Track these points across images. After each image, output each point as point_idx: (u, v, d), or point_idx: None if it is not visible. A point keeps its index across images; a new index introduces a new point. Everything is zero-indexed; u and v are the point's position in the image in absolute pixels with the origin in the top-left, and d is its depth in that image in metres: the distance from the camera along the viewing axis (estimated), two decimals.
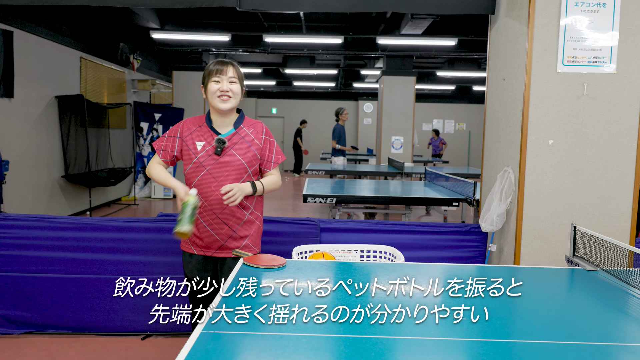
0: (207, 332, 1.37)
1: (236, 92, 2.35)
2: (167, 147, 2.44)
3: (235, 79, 2.35)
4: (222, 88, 2.32)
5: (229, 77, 2.34)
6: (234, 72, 2.35)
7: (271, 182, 2.46)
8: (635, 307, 1.74)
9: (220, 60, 2.38)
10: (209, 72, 2.36)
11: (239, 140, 2.38)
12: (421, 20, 7.35)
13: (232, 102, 2.35)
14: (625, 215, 2.97)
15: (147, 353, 3.14)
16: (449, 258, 3.44)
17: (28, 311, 3.31)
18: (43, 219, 3.33)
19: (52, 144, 7.02)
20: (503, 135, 3.25)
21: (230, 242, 2.40)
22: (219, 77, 2.33)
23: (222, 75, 2.33)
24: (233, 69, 2.35)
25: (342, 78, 15.95)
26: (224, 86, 2.33)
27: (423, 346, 1.34)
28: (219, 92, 2.33)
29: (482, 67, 11.97)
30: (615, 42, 2.88)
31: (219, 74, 2.33)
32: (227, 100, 2.34)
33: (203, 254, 2.44)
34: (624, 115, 2.92)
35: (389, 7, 3.38)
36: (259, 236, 2.51)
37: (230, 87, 2.34)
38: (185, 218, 2.17)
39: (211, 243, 2.41)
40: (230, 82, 2.34)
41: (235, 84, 2.35)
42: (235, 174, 2.35)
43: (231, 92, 2.34)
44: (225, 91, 2.33)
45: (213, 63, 2.37)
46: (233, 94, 2.34)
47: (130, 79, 9.93)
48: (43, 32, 6.72)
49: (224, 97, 2.33)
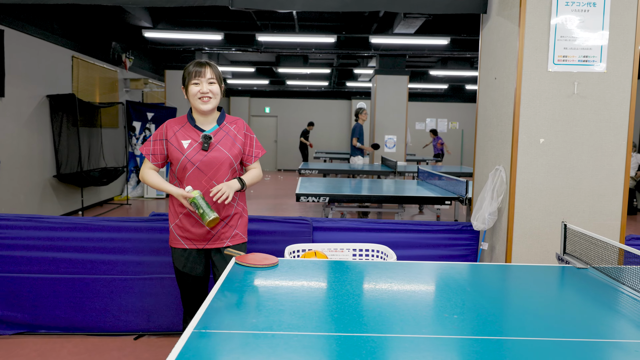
0: (198, 331, 1.37)
1: (216, 92, 2.42)
2: (155, 151, 2.50)
3: (213, 80, 2.41)
4: (202, 90, 2.38)
5: (207, 78, 2.39)
6: (212, 73, 2.40)
7: (254, 176, 2.55)
8: (624, 304, 1.75)
9: (198, 61, 2.42)
10: (188, 74, 2.41)
11: (223, 136, 2.46)
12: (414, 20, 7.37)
13: (212, 102, 2.42)
14: (615, 214, 2.99)
15: (140, 353, 3.13)
16: (441, 256, 3.46)
17: (19, 312, 3.29)
18: (34, 219, 3.30)
19: (43, 143, 6.97)
20: (494, 134, 3.26)
21: (221, 232, 2.50)
22: (198, 79, 2.38)
23: (201, 78, 2.38)
24: (211, 70, 2.40)
25: (335, 77, 15.96)
26: (204, 88, 2.38)
27: (414, 344, 1.34)
28: (199, 94, 2.39)
29: (475, 66, 12.01)
30: (605, 41, 2.90)
31: (198, 76, 2.38)
32: (207, 101, 2.40)
33: (195, 247, 2.51)
34: (614, 114, 2.94)
35: (381, 6, 3.38)
36: (245, 226, 2.62)
37: (210, 88, 2.40)
38: (206, 209, 2.30)
39: (203, 236, 2.49)
40: (209, 83, 2.40)
41: (214, 85, 2.41)
42: (224, 168, 2.44)
43: (211, 92, 2.40)
44: (205, 93, 2.39)
45: (192, 64, 2.42)
46: (213, 95, 2.41)
47: (123, 78, 9.88)
48: (34, 31, 6.68)
49: (205, 98, 2.40)
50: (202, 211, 2.30)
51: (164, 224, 3.33)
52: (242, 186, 2.43)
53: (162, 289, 3.34)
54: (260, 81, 16.22)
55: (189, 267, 2.53)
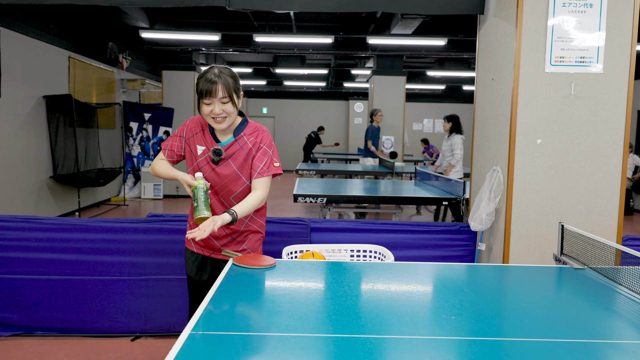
0: (196, 332, 1.37)
1: (230, 111, 2.18)
2: (172, 147, 2.34)
3: (226, 99, 2.15)
4: (215, 111, 2.15)
5: (219, 98, 2.14)
6: (224, 91, 2.14)
7: (249, 204, 2.20)
8: (622, 305, 1.75)
9: (210, 78, 2.14)
10: (199, 92, 2.17)
11: (237, 149, 2.27)
12: (411, 20, 7.37)
13: (228, 121, 2.20)
14: (612, 214, 3.00)
15: (137, 354, 3.12)
16: (438, 257, 3.46)
17: (16, 313, 3.28)
18: (31, 220, 3.29)
19: (40, 144, 6.95)
20: (492, 135, 3.26)
21: (227, 245, 2.37)
22: (209, 99, 2.14)
23: (212, 98, 2.14)
24: (223, 88, 2.13)
25: (333, 78, 15.96)
26: (216, 109, 2.15)
27: (412, 345, 1.34)
28: (212, 114, 2.17)
29: (472, 67, 12.03)
30: (602, 42, 2.91)
31: (209, 95, 2.14)
32: (221, 121, 2.19)
33: (202, 253, 2.41)
34: (611, 115, 2.95)
35: (378, 7, 3.38)
36: (258, 244, 2.44)
37: (223, 107, 2.16)
38: (201, 204, 2.11)
39: (209, 245, 2.38)
40: (222, 102, 2.15)
41: (227, 104, 2.16)
42: (232, 185, 2.29)
43: (224, 112, 2.17)
44: (218, 114, 2.16)
45: (203, 80, 2.16)
46: (227, 114, 2.18)
47: (120, 79, 9.86)
48: (31, 32, 6.66)
49: (218, 119, 2.18)
50: (197, 205, 2.11)
51: (161, 224, 3.32)
52: (233, 220, 2.11)
53: (160, 290, 3.34)
54: (258, 82, 16.21)
55: (194, 271, 2.44)
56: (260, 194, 2.24)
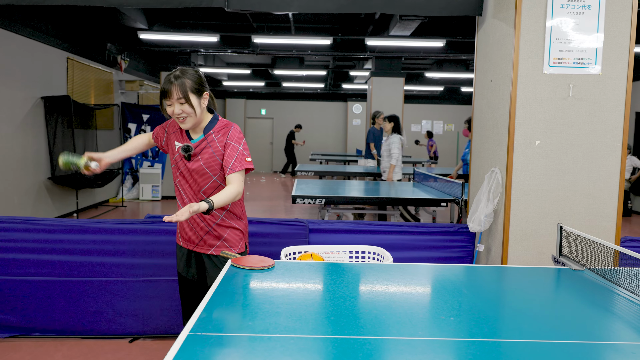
0: (194, 334, 1.36)
1: (189, 111, 2.24)
2: (157, 133, 2.53)
3: (182, 100, 2.21)
4: (175, 111, 2.24)
5: (176, 99, 2.22)
6: (179, 92, 2.20)
7: (226, 195, 2.21)
8: (620, 306, 1.75)
9: (168, 79, 2.23)
10: (160, 92, 2.27)
11: (204, 147, 2.33)
12: (409, 22, 7.38)
13: (190, 120, 2.27)
14: (610, 215, 3.00)
15: (135, 356, 3.11)
16: (437, 258, 3.46)
17: (13, 314, 3.27)
18: (28, 221, 3.28)
19: (38, 145, 6.94)
20: (490, 136, 3.27)
21: (207, 238, 2.44)
22: (169, 100, 2.23)
23: (171, 99, 2.22)
24: (177, 90, 2.20)
25: (331, 79, 15.97)
26: (176, 109, 2.23)
27: (411, 346, 1.34)
28: (173, 114, 2.26)
29: (470, 69, 12.05)
30: (600, 43, 2.91)
31: (166, 97, 2.23)
32: (184, 120, 2.27)
33: (187, 247, 2.50)
34: (609, 116, 2.95)
35: (377, 8, 3.38)
36: (238, 238, 2.47)
37: (182, 108, 2.23)
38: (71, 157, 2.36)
39: (191, 238, 2.48)
40: (179, 103, 2.22)
41: (184, 104, 2.22)
42: (201, 180, 2.36)
43: (184, 112, 2.23)
44: (178, 114, 2.24)
45: (166, 79, 2.25)
46: (187, 114, 2.24)
47: (118, 80, 9.85)
48: (29, 33, 6.65)
49: (180, 118, 2.26)
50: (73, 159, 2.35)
51: (159, 226, 3.31)
52: (209, 208, 2.11)
53: (158, 291, 3.33)
54: (256, 83, 16.21)
55: (181, 266, 2.54)
56: (235, 188, 2.26)
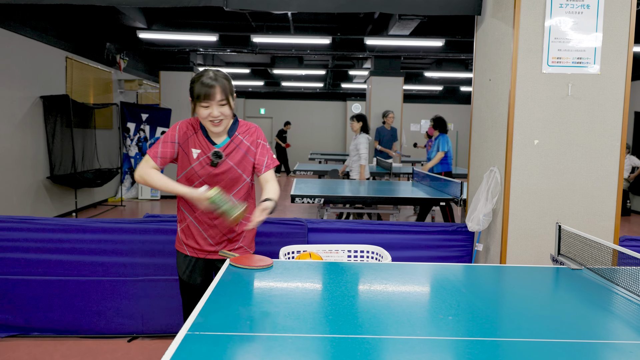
0: (192, 333, 1.36)
1: (227, 113, 2.19)
2: (165, 154, 2.27)
3: (224, 101, 2.16)
4: (213, 114, 2.15)
5: (217, 101, 2.14)
6: (222, 94, 2.14)
7: (275, 192, 2.25)
8: (619, 305, 1.76)
9: (207, 82, 2.14)
10: (197, 96, 2.15)
11: (233, 148, 2.28)
12: (409, 21, 7.38)
13: (224, 123, 2.21)
14: (609, 215, 3.00)
15: (134, 355, 3.11)
16: (436, 258, 3.46)
17: (12, 314, 3.26)
18: (27, 220, 3.28)
19: (37, 144, 6.93)
20: (489, 135, 3.27)
21: (224, 245, 2.37)
22: (207, 102, 2.14)
23: (211, 101, 2.14)
24: (221, 91, 2.14)
25: (331, 78, 15.97)
26: (214, 112, 2.15)
27: (409, 345, 1.34)
28: (210, 117, 2.17)
29: (469, 68, 12.05)
30: (599, 43, 2.91)
31: (207, 99, 2.13)
32: (219, 124, 2.19)
33: (196, 255, 2.39)
34: (608, 116, 2.96)
35: (376, 7, 3.38)
36: (252, 239, 2.47)
37: (221, 110, 2.16)
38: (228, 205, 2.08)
39: (203, 247, 2.37)
40: (220, 105, 2.16)
41: (224, 106, 2.17)
42: (231, 183, 2.29)
43: (222, 115, 2.17)
44: (216, 117, 2.16)
45: (199, 82, 2.15)
46: (225, 116, 2.19)
47: (117, 79, 9.84)
48: (28, 32, 6.64)
49: (216, 121, 2.18)
50: (225, 208, 2.07)
51: (158, 225, 3.31)
52: (275, 206, 2.18)
53: (156, 291, 3.33)
54: (255, 82, 16.20)
55: (187, 275, 2.41)
56: (276, 184, 2.29)
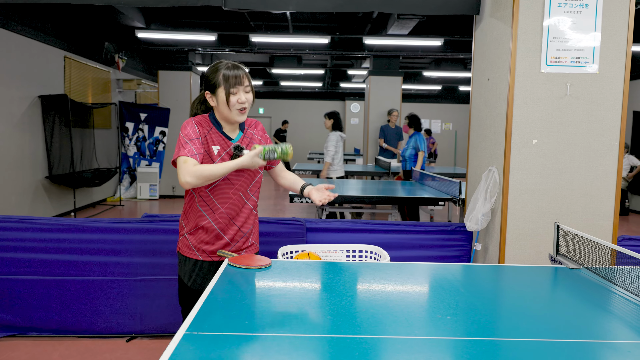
0: (191, 333, 1.36)
1: (251, 99, 2.18)
2: (198, 150, 2.13)
3: (248, 87, 2.16)
4: (240, 99, 2.12)
5: (245, 86, 2.14)
6: (247, 79, 2.16)
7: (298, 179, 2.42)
8: (617, 305, 1.76)
9: (234, 64, 2.13)
10: (224, 80, 2.10)
11: (248, 142, 2.28)
12: (407, 21, 7.38)
13: (247, 110, 2.20)
14: (607, 214, 3.00)
15: (132, 355, 3.11)
16: (434, 257, 3.46)
17: (10, 314, 3.26)
18: (26, 220, 3.28)
19: (35, 144, 6.92)
20: (488, 135, 3.27)
21: (241, 243, 2.31)
22: (237, 88, 2.11)
23: (239, 86, 2.12)
24: (246, 75, 2.15)
25: (329, 78, 15.96)
26: (242, 97, 2.12)
27: (408, 345, 1.34)
28: (238, 103, 2.12)
29: (468, 68, 12.05)
30: (597, 42, 2.91)
31: (237, 84, 2.11)
32: (244, 111, 2.17)
33: (210, 259, 2.27)
34: (606, 115, 2.96)
35: (375, 7, 3.38)
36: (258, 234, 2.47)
37: (247, 97, 2.15)
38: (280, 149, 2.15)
39: (220, 247, 2.27)
40: (246, 92, 2.15)
41: (249, 92, 2.17)
42: (251, 177, 2.27)
43: (247, 101, 2.15)
44: (243, 102, 2.13)
45: (224, 70, 2.11)
46: (250, 103, 2.17)
47: (116, 79, 9.83)
48: (26, 31, 6.63)
49: (241, 108, 2.15)
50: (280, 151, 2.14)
51: (156, 225, 3.31)
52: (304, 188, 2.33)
53: (155, 290, 3.32)
54: (254, 82, 16.17)
55: (195, 281, 2.26)
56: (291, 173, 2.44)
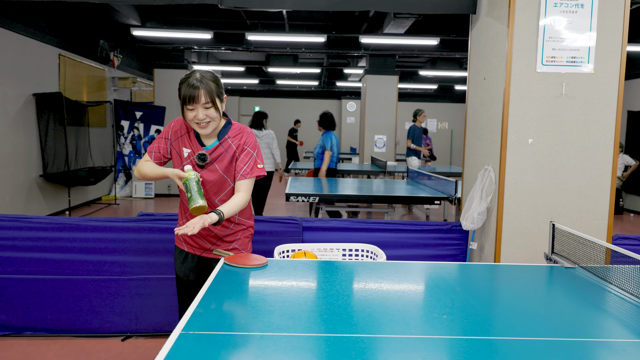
0: (187, 332, 1.36)
1: (214, 116, 2.18)
2: (159, 149, 2.33)
3: (209, 104, 2.15)
4: (198, 117, 2.15)
5: (202, 104, 2.14)
6: (207, 96, 2.13)
7: (234, 204, 2.19)
8: (612, 304, 1.76)
9: (192, 84, 2.13)
10: (182, 98, 2.15)
11: (221, 153, 2.27)
12: (403, 20, 7.38)
13: (211, 125, 2.20)
14: (602, 213, 3.01)
15: (127, 354, 3.10)
16: (430, 256, 3.46)
17: (4, 313, 3.24)
18: (20, 219, 3.26)
19: (29, 142, 6.89)
20: (484, 134, 3.27)
21: (218, 245, 2.39)
22: (192, 105, 2.14)
23: (195, 104, 2.13)
24: (205, 93, 2.13)
25: (326, 77, 15.95)
26: (200, 115, 2.15)
27: (404, 344, 1.34)
28: (195, 119, 2.17)
29: (464, 67, 12.07)
30: (593, 42, 2.92)
31: (192, 102, 2.13)
32: (205, 126, 2.19)
33: (192, 252, 2.42)
34: (601, 115, 2.97)
35: (371, 6, 3.38)
36: (248, 240, 2.46)
37: (207, 113, 2.16)
38: (195, 194, 2.11)
39: (199, 245, 2.40)
40: (205, 108, 2.15)
41: (210, 109, 2.16)
42: (218, 188, 2.29)
43: (208, 117, 2.17)
44: (201, 119, 2.16)
45: (185, 85, 2.15)
46: (211, 119, 2.18)
47: (111, 77, 9.79)
48: (20, 29, 6.59)
49: (202, 124, 2.18)
50: (190, 195, 2.10)
51: (152, 224, 3.30)
52: (219, 219, 2.10)
53: (150, 289, 3.31)
54: (250, 80, 16.16)
55: (182, 271, 2.45)
56: (244, 196, 2.23)
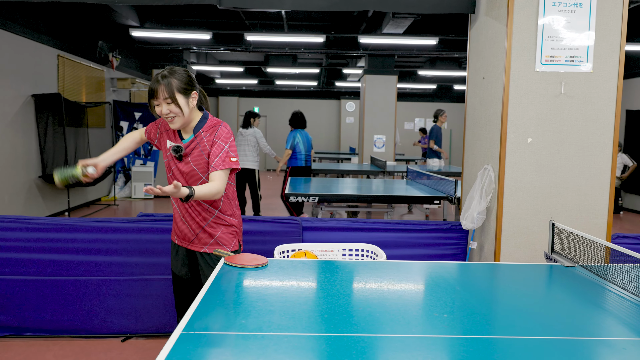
0: (187, 332, 1.36)
1: (176, 111, 2.23)
2: (149, 131, 2.52)
3: (169, 99, 2.21)
4: (162, 111, 2.24)
5: (162, 99, 2.22)
6: (165, 92, 2.20)
7: (206, 189, 2.20)
8: (612, 302, 1.77)
9: (155, 78, 2.24)
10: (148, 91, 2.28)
11: (194, 147, 2.33)
12: (402, 20, 7.38)
13: (178, 120, 2.26)
14: (601, 212, 3.02)
15: (127, 355, 3.09)
16: (430, 255, 3.47)
17: (4, 314, 3.24)
18: (19, 220, 3.26)
19: (28, 143, 6.88)
20: (483, 134, 3.28)
21: (202, 235, 2.43)
22: (156, 100, 2.24)
23: (158, 99, 2.23)
24: (164, 89, 2.20)
25: (325, 77, 15.95)
26: (163, 109, 2.23)
27: (404, 344, 1.34)
28: (161, 114, 2.26)
29: (463, 66, 12.07)
30: (591, 41, 2.93)
31: (153, 97, 2.23)
32: (172, 120, 2.27)
33: (181, 244, 2.51)
34: (600, 114, 2.97)
35: (370, 5, 3.38)
36: (231, 237, 2.46)
37: (169, 108, 2.23)
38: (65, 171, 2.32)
39: (185, 235, 2.47)
40: (166, 103, 2.22)
41: (171, 104, 2.22)
42: (191, 180, 2.36)
43: (171, 112, 2.24)
44: (165, 114, 2.24)
45: (154, 79, 2.25)
46: (175, 113, 2.24)
47: (110, 78, 9.79)
48: (19, 30, 6.58)
49: (168, 118, 2.26)
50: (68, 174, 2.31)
51: (151, 224, 3.30)
52: (190, 194, 2.10)
53: (150, 290, 3.31)
54: (249, 81, 16.16)
55: (175, 265, 2.55)
56: (216, 185, 2.24)
